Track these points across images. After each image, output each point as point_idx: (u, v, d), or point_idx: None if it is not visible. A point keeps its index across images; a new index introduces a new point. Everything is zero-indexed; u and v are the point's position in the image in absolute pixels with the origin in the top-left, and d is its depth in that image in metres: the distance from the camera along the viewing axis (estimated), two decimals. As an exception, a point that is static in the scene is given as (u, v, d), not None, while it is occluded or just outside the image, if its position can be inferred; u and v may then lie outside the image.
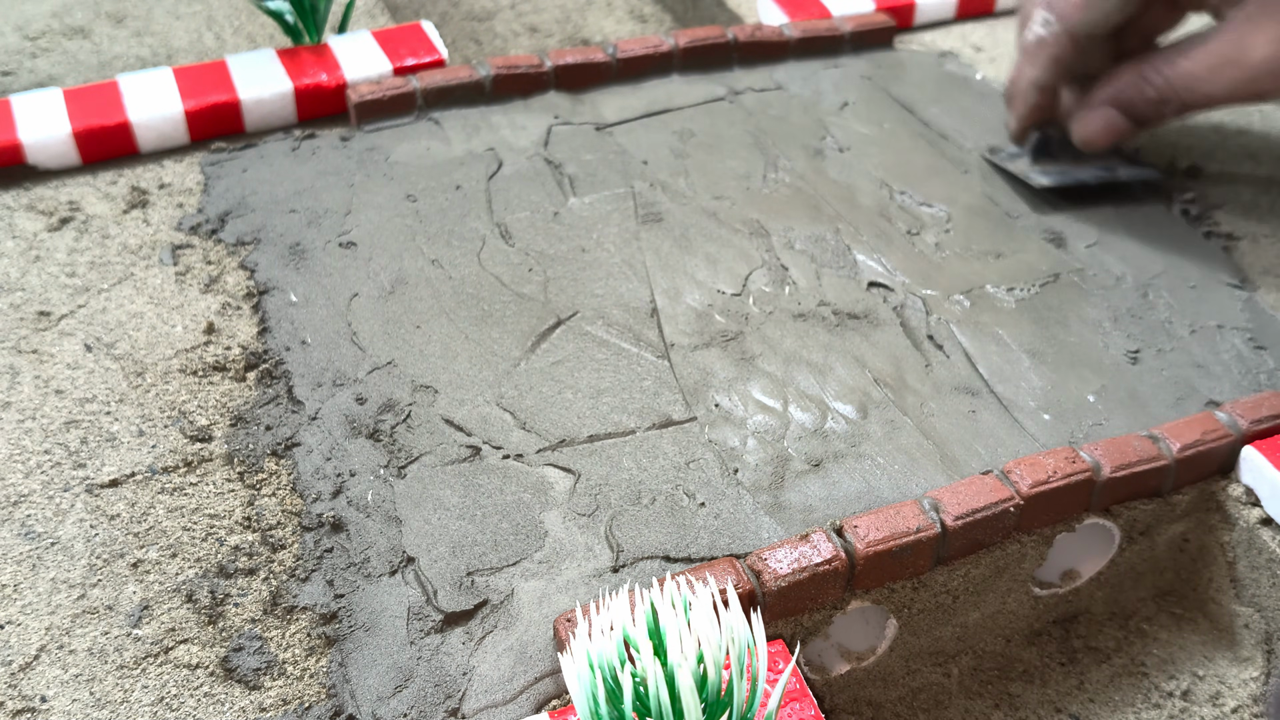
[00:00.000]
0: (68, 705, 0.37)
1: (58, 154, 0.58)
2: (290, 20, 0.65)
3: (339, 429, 0.46)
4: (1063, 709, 0.45)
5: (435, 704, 0.37)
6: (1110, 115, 0.57)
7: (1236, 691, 0.45)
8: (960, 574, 0.43)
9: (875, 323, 0.52)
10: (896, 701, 0.44)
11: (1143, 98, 0.56)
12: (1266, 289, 0.55)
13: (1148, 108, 0.56)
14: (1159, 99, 0.55)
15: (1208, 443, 0.45)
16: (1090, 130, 0.57)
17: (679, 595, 0.31)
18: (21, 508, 0.43)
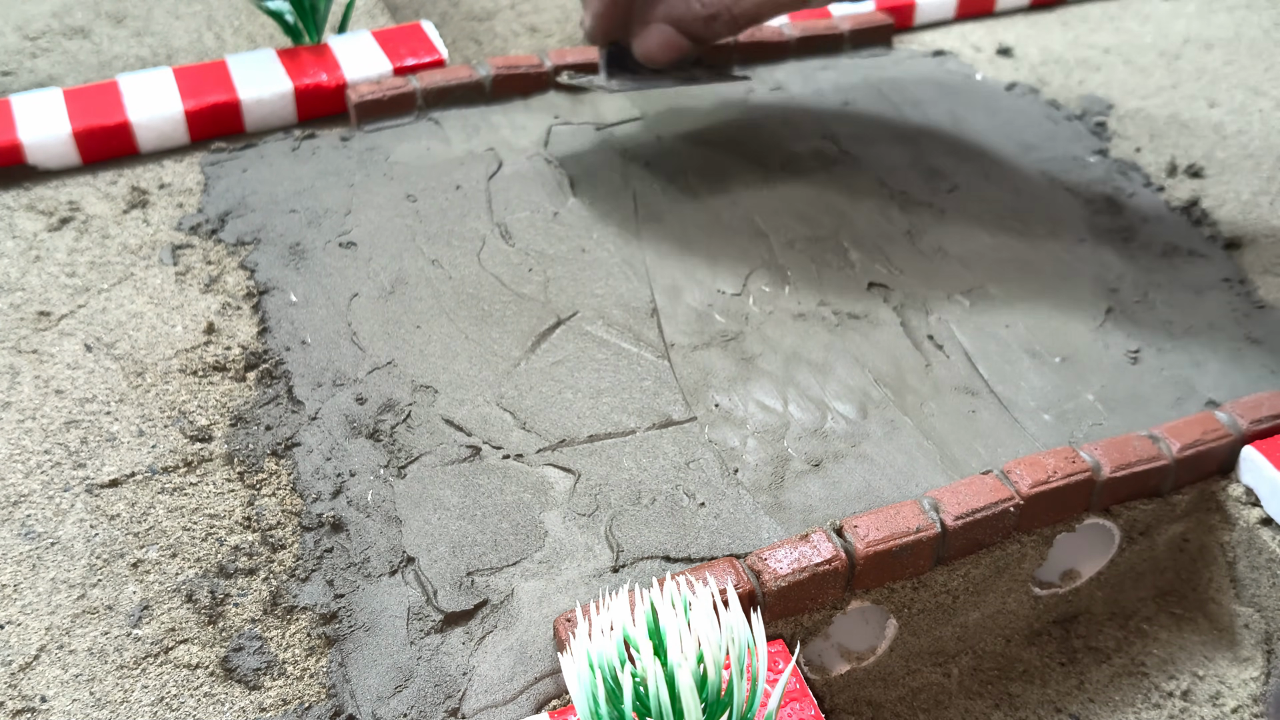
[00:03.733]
0: (68, 705, 0.37)
1: (58, 154, 0.58)
2: (290, 20, 0.65)
3: (339, 429, 0.46)
4: (1063, 709, 0.45)
5: (435, 704, 0.37)
6: (666, 32, 0.56)
7: (1236, 691, 0.45)
8: (960, 574, 0.43)
9: (875, 323, 0.52)
10: (896, 701, 0.44)
11: (692, 14, 0.54)
12: (1266, 289, 0.55)
13: (699, 25, 0.55)
14: (707, 15, 0.54)
15: (1208, 443, 0.45)
16: (648, 47, 0.56)
17: (679, 595, 0.31)
18: (21, 508, 0.43)
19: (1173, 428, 0.45)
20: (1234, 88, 0.71)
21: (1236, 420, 0.46)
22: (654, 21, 0.56)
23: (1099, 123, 0.67)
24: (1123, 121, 0.68)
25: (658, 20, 0.55)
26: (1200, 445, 0.45)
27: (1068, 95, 0.70)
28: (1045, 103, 0.69)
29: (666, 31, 0.55)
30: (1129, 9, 0.80)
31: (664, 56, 0.56)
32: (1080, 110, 0.69)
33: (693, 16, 0.54)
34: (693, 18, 0.54)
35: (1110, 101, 0.70)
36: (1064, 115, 0.68)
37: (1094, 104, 0.69)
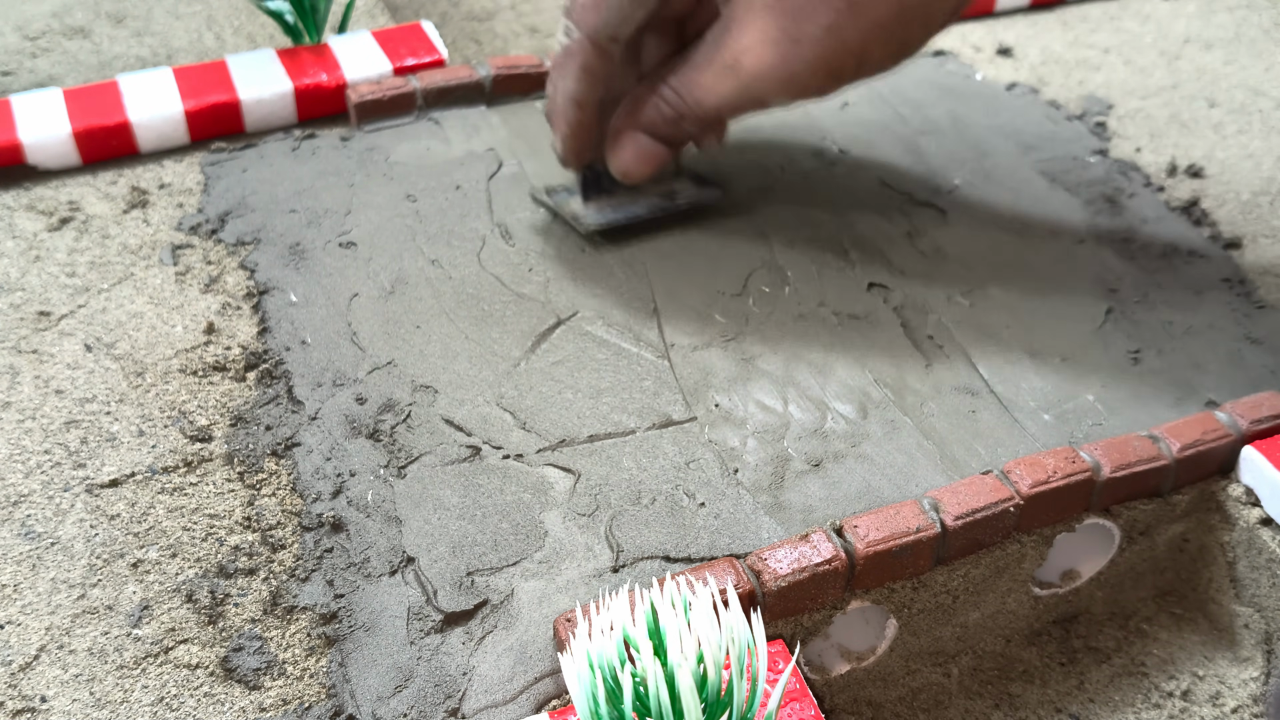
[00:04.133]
0: (68, 705, 0.37)
1: (58, 154, 0.58)
2: (290, 20, 0.65)
3: (339, 429, 0.46)
4: (1063, 709, 0.45)
5: (435, 704, 0.37)
6: (639, 141, 0.52)
7: (1236, 691, 0.45)
8: (960, 574, 0.43)
9: (875, 323, 0.52)
10: (896, 701, 0.44)
11: (662, 118, 0.51)
12: (1266, 289, 0.55)
13: (669, 128, 0.51)
14: (675, 116, 0.50)
15: (1208, 443, 0.45)
16: (624, 161, 0.52)
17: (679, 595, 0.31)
18: (21, 508, 0.43)
19: (1173, 428, 0.45)
20: (1234, 88, 0.71)
21: (1236, 420, 0.46)
22: (625, 131, 0.52)
23: (1099, 123, 0.67)
24: (1123, 121, 0.68)
25: (628, 129, 0.52)
26: (1200, 445, 0.45)
27: (1068, 95, 0.70)
28: (1045, 103, 0.69)
29: (640, 140, 0.52)
30: (1129, 9, 0.80)
31: (642, 169, 0.53)
32: (1080, 110, 0.69)
33: (664, 120, 0.51)
34: (664, 121, 0.51)
35: (1110, 101, 0.70)
36: (1064, 115, 0.68)
37: (1094, 104, 0.69)
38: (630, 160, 0.52)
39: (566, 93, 0.50)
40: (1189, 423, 0.46)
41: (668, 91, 0.50)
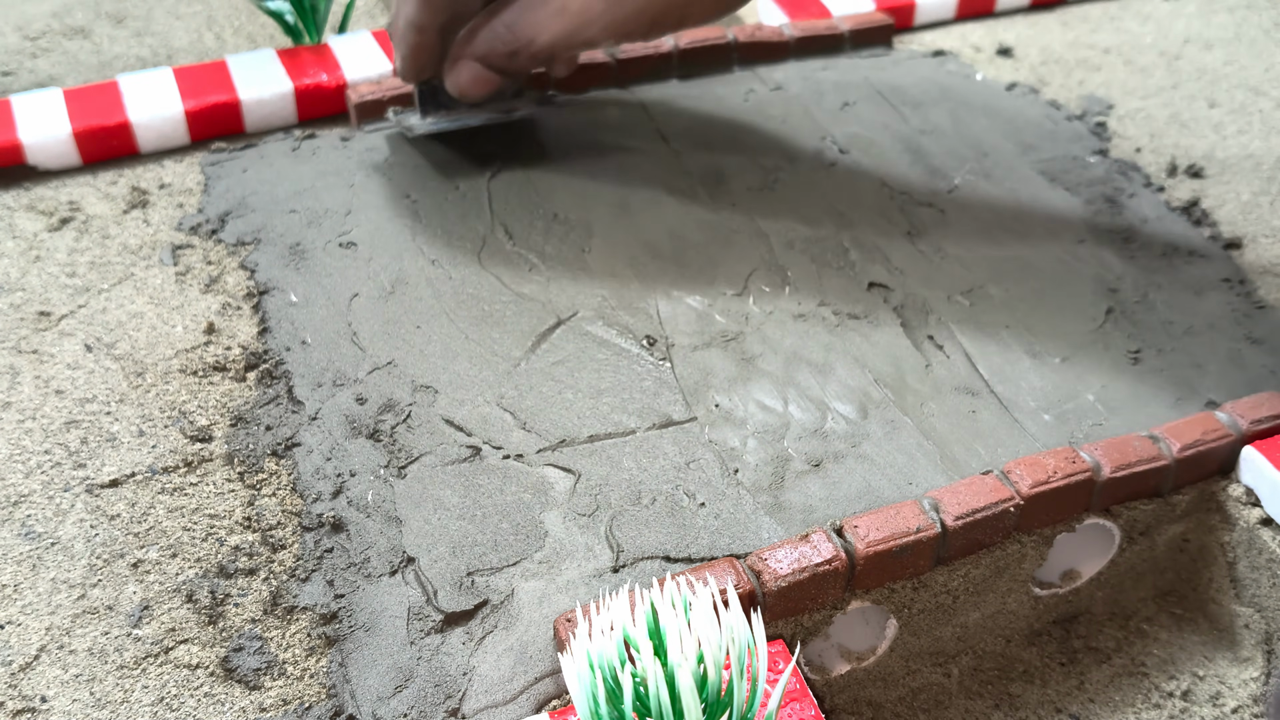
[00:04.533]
0: (68, 705, 0.37)
1: (58, 154, 0.58)
2: (290, 20, 0.65)
3: (339, 429, 0.46)
4: (1063, 709, 0.45)
5: (435, 704, 0.37)
6: (475, 69, 0.55)
7: (1236, 691, 0.45)
8: (960, 574, 0.43)
9: (875, 323, 0.52)
10: (896, 701, 0.44)
11: (495, 52, 0.54)
12: (1266, 289, 0.55)
13: (503, 60, 0.54)
14: (509, 51, 0.54)
15: (1208, 443, 0.45)
16: (461, 83, 0.56)
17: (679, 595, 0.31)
18: (21, 508, 0.43)
19: (1173, 428, 0.45)
20: (1234, 88, 0.71)
21: (1236, 420, 0.46)
22: (463, 59, 0.55)
23: (1099, 123, 0.67)
24: (1123, 121, 0.68)
25: (466, 58, 0.55)
26: (1200, 445, 0.45)
27: (1068, 95, 0.70)
28: (1045, 103, 0.69)
29: (475, 68, 0.55)
30: (1129, 9, 0.80)
31: (476, 91, 0.56)
32: (1080, 110, 0.69)
33: (496, 53, 0.54)
34: (496, 54, 0.54)
35: (1110, 101, 0.70)
36: (1064, 115, 0.68)
37: (1094, 104, 0.69)
38: (467, 83, 0.55)
39: (407, 17, 0.54)
40: (1189, 423, 0.46)
41: (501, 28, 0.53)
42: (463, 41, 0.55)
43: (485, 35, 0.54)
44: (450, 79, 0.56)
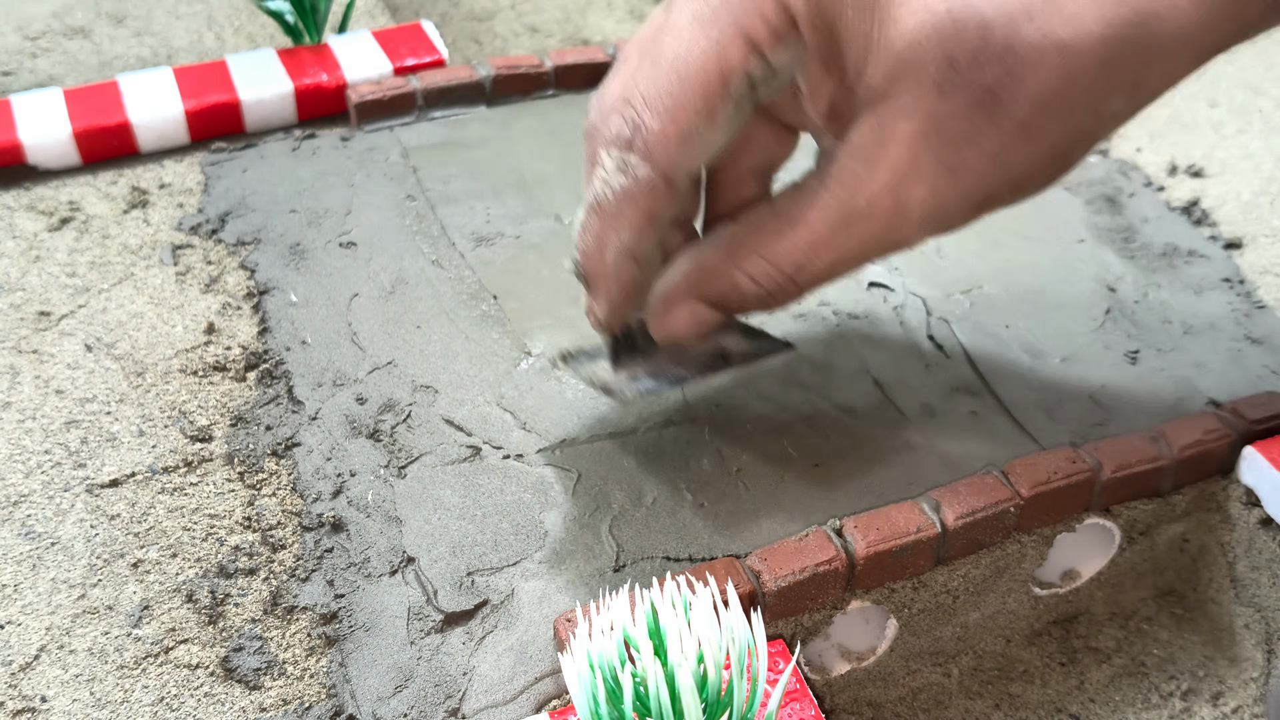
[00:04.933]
0: (68, 705, 0.37)
1: (58, 154, 0.58)
2: (290, 20, 0.65)
3: (339, 429, 0.46)
4: (1063, 709, 0.45)
5: (435, 704, 0.37)
6: (697, 310, 0.40)
7: (1236, 691, 0.45)
8: (960, 574, 0.43)
9: (875, 323, 0.52)
10: (896, 701, 0.44)
11: (739, 291, 0.39)
12: (1266, 289, 0.55)
13: (748, 301, 0.39)
14: (765, 293, 0.39)
15: (1208, 443, 0.45)
16: (675, 331, 0.41)
17: (679, 595, 0.31)
18: (22, 508, 0.43)
19: (1173, 428, 0.45)
20: (1234, 88, 0.71)
21: (1236, 420, 0.46)
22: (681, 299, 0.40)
23: (1099, 123, 0.67)
24: (1123, 121, 0.68)
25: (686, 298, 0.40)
26: (1200, 445, 0.45)
27: (1068, 95, 0.70)
28: (1045, 103, 0.69)
29: (698, 310, 0.40)
30: (1129, 9, 0.80)
31: (694, 336, 0.41)
32: (1080, 110, 0.69)
33: (740, 295, 0.39)
34: (741, 296, 0.39)
35: (1110, 101, 0.70)
36: (1064, 115, 0.68)
37: (1094, 104, 0.69)
38: (684, 331, 0.41)
39: (624, 248, 0.38)
40: (1189, 423, 0.46)
41: (753, 263, 0.38)
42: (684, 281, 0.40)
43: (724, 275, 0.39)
44: (662, 325, 0.41)
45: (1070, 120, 0.35)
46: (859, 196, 0.36)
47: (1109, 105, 0.36)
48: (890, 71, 0.34)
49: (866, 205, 0.36)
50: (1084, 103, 0.35)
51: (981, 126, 0.34)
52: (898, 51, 0.34)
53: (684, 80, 0.35)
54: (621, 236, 0.38)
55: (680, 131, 0.35)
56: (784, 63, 0.34)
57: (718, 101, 0.35)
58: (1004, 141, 0.35)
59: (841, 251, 0.37)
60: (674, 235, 0.42)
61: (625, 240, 0.38)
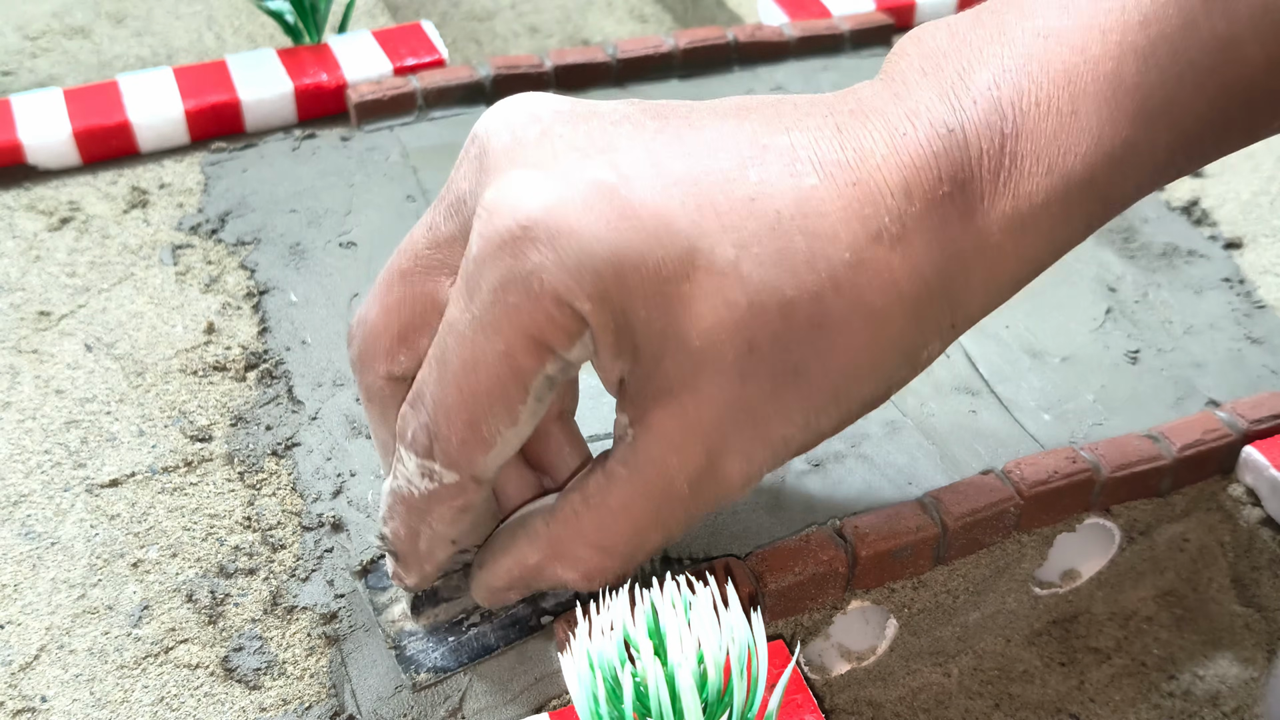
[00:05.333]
0: (68, 705, 0.37)
1: (58, 154, 0.58)
2: (290, 20, 0.65)
3: (339, 429, 0.46)
4: (1063, 709, 0.45)
5: (435, 704, 0.37)
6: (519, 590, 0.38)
7: (1236, 691, 0.45)
8: (960, 574, 0.43)
9: (875, 323, 0.52)
10: (896, 701, 0.44)
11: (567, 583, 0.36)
12: (1266, 289, 0.55)
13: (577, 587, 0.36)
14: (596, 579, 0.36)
15: (1208, 443, 0.45)
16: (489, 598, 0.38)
17: (679, 595, 0.31)
18: (21, 508, 0.43)
19: (1173, 428, 0.45)
20: (1234, 88, 0.71)
21: (1236, 420, 0.46)
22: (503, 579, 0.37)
23: (1099, 123, 0.67)
24: (1123, 121, 0.68)
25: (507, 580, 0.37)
26: (1200, 445, 0.45)
27: (1068, 95, 0.70)
28: (1045, 103, 0.69)
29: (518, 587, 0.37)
30: (1129, 9, 0.80)
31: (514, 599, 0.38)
32: (1080, 110, 0.69)
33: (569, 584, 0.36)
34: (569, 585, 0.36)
35: (1110, 101, 0.70)
36: (1064, 115, 0.68)
37: (1094, 104, 0.69)
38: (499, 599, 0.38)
39: (439, 537, 0.36)
40: (1189, 423, 0.46)
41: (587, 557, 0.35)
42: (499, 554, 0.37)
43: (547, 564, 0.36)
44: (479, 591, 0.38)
45: (884, 377, 0.34)
46: (677, 481, 0.34)
47: (924, 353, 0.35)
48: (689, 364, 0.32)
49: (688, 488, 0.34)
50: (897, 359, 0.34)
51: (788, 403, 0.33)
52: (696, 346, 0.32)
53: (477, 392, 0.32)
54: (435, 529, 0.36)
55: (483, 439, 0.33)
56: (578, 356, 0.32)
57: (518, 405, 0.32)
58: (813, 410, 0.34)
59: (670, 527, 0.35)
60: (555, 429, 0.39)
61: (439, 530, 0.36)
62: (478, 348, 0.32)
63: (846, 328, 0.32)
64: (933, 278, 0.33)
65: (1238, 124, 0.35)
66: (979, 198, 0.33)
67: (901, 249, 0.32)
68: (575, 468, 0.38)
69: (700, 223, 0.31)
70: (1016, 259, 0.34)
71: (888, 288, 0.32)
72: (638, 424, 0.33)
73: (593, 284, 0.30)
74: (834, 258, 0.32)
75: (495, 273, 0.31)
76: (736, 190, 0.32)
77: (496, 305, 0.31)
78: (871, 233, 0.32)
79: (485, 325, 0.31)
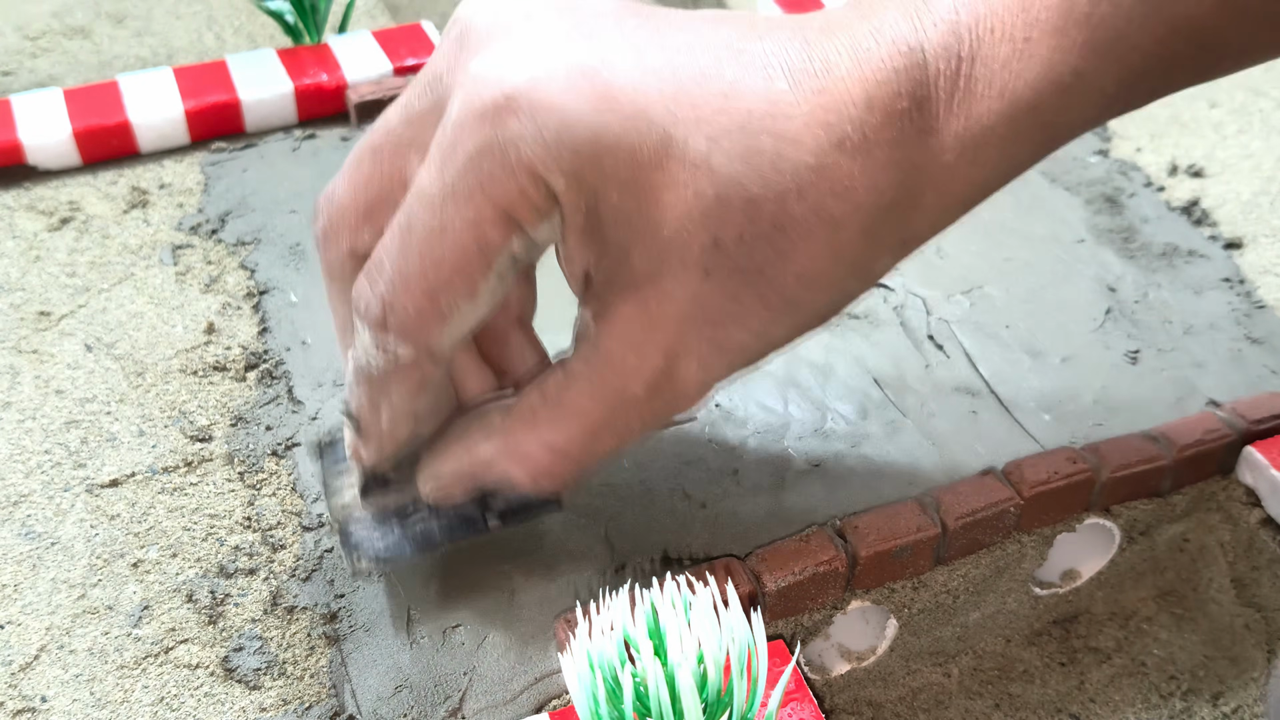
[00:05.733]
0: (68, 705, 0.37)
1: (58, 154, 0.58)
2: (290, 20, 0.65)
3: (339, 429, 0.46)
4: (1063, 709, 0.45)
5: (435, 704, 0.37)
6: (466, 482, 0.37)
7: (1236, 691, 0.45)
8: (960, 574, 0.43)
9: (875, 323, 0.52)
10: (896, 701, 0.44)
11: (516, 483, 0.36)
12: (1266, 289, 0.55)
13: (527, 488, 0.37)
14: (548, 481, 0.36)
15: (1208, 443, 0.45)
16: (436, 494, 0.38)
17: (679, 595, 0.31)
18: (22, 508, 0.43)
19: (1173, 428, 0.45)
20: (1234, 88, 0.71)
21: (1236, 420, 0.46)
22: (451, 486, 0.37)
23: (1099, 123, 0.67)
24: (1123, 121, 0.68)
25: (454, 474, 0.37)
26: (1200, 445, 0.45)
27: (1068, 95, 0.70)
28: (1045, 103, 0.69)
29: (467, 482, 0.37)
30: (1129, 9, 0.80)
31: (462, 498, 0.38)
32: (1080, 110, 0.69)
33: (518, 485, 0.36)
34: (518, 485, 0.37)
35: (1110, 101, 0.70)
36: (1064, 115, 0.68)
37: (1094, 104, 0.69)
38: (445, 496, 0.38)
39: (398, 412, 0.36)
40: (1189, 423, 0.46)
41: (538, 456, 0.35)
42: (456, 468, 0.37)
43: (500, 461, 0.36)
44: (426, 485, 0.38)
45: (838, 288, 0.35)
46: (634, 383, 0.34)
47: (876, 267, 0.36)
48: (656, 254, 0.33)
49: (644, 390, 0.34)
50: (851, 271, 0.35)
51: (747, 306, 0.34)
52: (664, 236, 0.32)
53: (439, 261, 0.32)
54: (394, 403, 0.36)
55: (439, 311, 0.33)
56: (544, 237, 0.33)
57: (479, 279, 0.32)
58: (770, 315, 0.34)
59: (624, 433, 0.35)
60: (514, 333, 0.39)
61: (399, 405, 0.36)
62: (446, 214, 0.31)
63: (806, 232, 0.33)
64: (888, 190, 0.34)
65: (1185, 63, 0.36)
66: (935, 117, 0.33)
67: (861, 159, 0.33)
68: (535, 370, 0.38)
69: (676, 113, 0.32)
70: (966, 181, 0.35)
71: (846, 196, 0.33)
72: (600, 318, 0.34)
73: (570, 161, 0.31)
74: (798, 161, 0.32)
75: (473, 140, 0.31)
76: (712, 85, 0.32)
77: (470, 172, 0.31)
78: (834, 140, 0.32)
79: (456, 192, 0.31)
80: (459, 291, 0.32)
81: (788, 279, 0.34)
